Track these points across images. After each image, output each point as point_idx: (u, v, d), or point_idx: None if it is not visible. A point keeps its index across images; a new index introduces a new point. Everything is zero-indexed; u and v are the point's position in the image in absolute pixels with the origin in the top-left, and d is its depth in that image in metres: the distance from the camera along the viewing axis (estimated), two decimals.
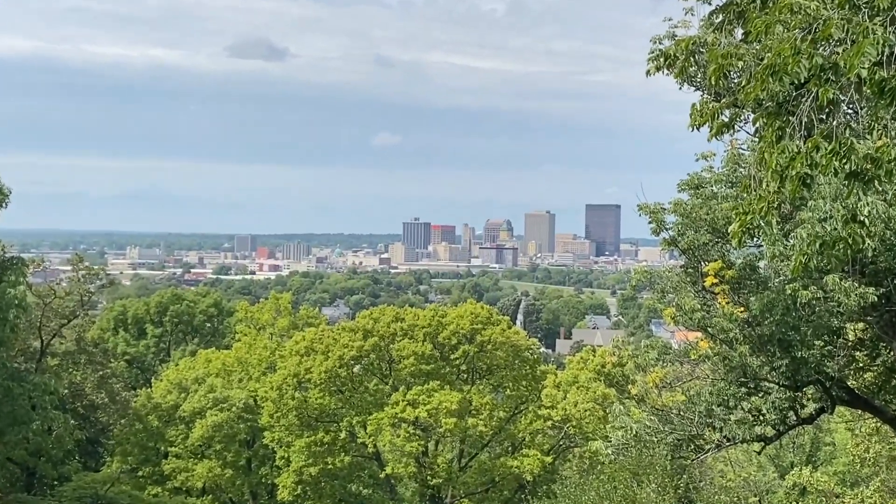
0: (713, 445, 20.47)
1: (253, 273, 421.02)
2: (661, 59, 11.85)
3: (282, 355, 52.37)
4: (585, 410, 45.88)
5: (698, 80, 13.96)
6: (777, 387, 19.59)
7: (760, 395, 19.96)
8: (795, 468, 29.98)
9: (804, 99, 9.27)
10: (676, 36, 13.34)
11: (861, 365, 21.13)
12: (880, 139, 8.93)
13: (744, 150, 19.83)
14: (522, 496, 45.07)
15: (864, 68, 8.57)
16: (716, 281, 18.95)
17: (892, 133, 8.97)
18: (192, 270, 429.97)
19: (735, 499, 28.02)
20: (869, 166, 8.84)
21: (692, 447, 20.87)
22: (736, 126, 11.91)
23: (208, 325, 78.24)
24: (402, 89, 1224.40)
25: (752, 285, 19.31)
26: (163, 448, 52.08)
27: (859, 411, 25.96)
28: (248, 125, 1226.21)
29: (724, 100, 11.25)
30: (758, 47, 10.00)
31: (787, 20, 9.41)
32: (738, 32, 11.47)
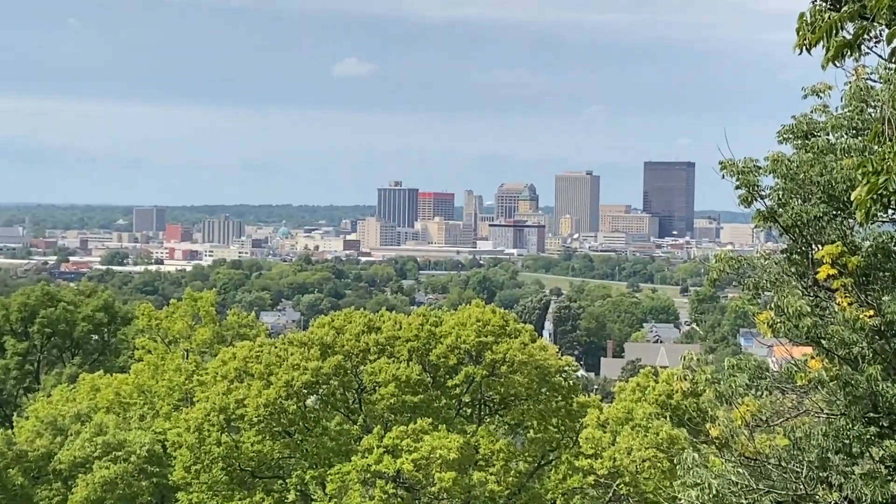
0: None
1: (160, 262, 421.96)
2: None
3: (202, 381, 52.44)
4: (644, 461, 46.01)
5: None
6: None
7: None
8: None
9: None
10: None
11: None
12: None
13: (874, 81, 19.83)
14: None
15: None
16: (833, 272, 18.99)
17: None
18: (72, 259, 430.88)
19: None
20: None
21: None
22: (863, 47, 11.89)
23: (95, 337, 78.33)
24: None
25: (885, 278, 19.34)
26: None
27: None
28: (153, 49, 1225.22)
29: (845, 8, 11.23)
30: None
31: None
32: None
